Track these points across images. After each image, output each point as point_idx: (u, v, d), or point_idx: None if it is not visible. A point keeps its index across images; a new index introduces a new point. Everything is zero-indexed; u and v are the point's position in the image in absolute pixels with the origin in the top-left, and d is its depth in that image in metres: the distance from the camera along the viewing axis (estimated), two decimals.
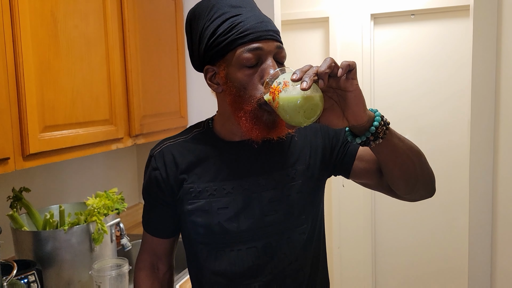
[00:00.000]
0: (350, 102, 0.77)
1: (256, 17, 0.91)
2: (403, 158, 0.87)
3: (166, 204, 1.04)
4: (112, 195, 1.54)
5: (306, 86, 0.72)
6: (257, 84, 0.89)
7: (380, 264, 3.34)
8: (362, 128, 0.81)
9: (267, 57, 0.89)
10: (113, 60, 1.66)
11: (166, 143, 1.03)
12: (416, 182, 0.91)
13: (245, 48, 0.88)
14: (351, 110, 0.78)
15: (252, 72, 0.89)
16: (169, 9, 2.13)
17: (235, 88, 0.90)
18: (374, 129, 0.81)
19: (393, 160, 0.87)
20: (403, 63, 3.15)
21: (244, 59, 0.88)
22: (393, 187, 0.94)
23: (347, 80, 0.75)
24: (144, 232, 1.11)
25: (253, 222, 0.96)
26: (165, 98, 2.09)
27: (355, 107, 0.78)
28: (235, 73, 0.90)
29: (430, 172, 0.94)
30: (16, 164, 1.24)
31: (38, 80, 1.30)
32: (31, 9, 1.28)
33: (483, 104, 1.94)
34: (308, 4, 3.21)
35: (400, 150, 0.86)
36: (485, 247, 1.97)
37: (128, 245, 1.69)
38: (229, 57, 0.90)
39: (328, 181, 1.08)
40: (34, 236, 1.40)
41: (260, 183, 0.97)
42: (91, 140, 1.54)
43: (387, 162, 0.89)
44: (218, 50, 0.90)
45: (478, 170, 1.96)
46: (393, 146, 0.85)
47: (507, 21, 1.76)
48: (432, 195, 0.97)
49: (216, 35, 0.90)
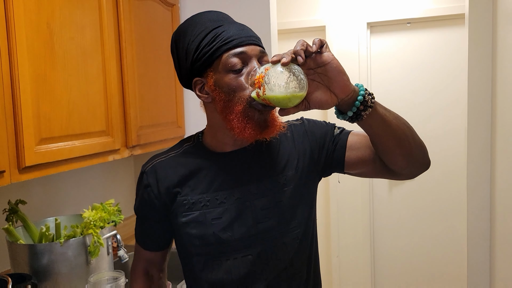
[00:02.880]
0: (332, 74, 0.82)
1: (237, 26, 0.96)
2: (394, 127, 0.90)
3: (158, 220, 1.06)
4: (108, 206, 1.53)
5: (286, 60, 0.79)
6: (245, 85, 0.92)
7: (379, 271, 3.32)
8: (349, 101, 0.85)
9: (252, 60, 0.93)
10: (109, 71, 1.66)
11: (157, 159, 1.05)
12: (411, 150, 0.93)
13: (230, 53, 0.92)
14: (335, 82, 0.83)
15: (239, 76, 0.92)
16: (165, 19, 2.14)
17: (224, 93, 0.93)
18: (362, 98, 0.84)
19: (385, 130, 0.89)
20: (399, 71, 3.16)
21: (230, 63, 0.91)
22: (390, 164, 0.95)
23: (322, 54, 0.81)
24: (136, 243, 1.13)
25: (247, 230, 0.98)
26: (162, 108, 2.08)
27: (338, 77, 0.82)
28: (223, 79, 0.92)
29: (421, 141, 0.96)
30: (12, 177, 1.24)
31: (34, 92, 1.30)
32: (27, 21, 1.28)
33: (480, 112, 1.94)
34: (304, 13, 3.23)
35: (389, 119, 0.89)
36: (483, 252, 1.97)
37: (125, 257, 1.68)
38: (216, 64, 0.93)
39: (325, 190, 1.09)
40: (30, 249, 1.39)
41: (251, 191, 0.99)
42: (87, 151, 1.54)
43: (380, 134, 0.90)
44: (205, 59, 0.93)
45: (476, 176, 1.96)
46: (383, 116, 0.88)
47: (502, 29, 1.77)
48: (428, 167, 0.98)
49: (202, 46, 0.93)
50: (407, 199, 3.22)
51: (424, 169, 0.98)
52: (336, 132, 1.05)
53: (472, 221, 1.99)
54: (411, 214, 3.22)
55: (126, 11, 1.77)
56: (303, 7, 3.22)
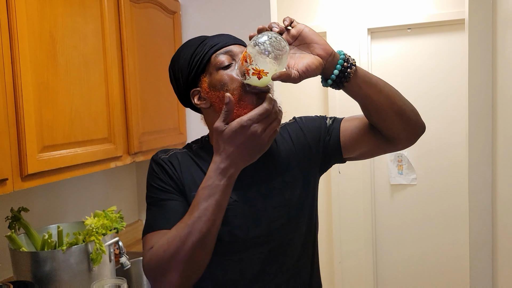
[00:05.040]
0: (310, 39, 0.90)
1: (223, 34, 1.04)
2: (382, 85, 0.96)
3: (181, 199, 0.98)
4: (110, 213, 1.53)
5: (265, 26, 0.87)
6: (235, 77, 0.95)
7: (381, 277, 3.31)
8: (333, 62, 0.90)
9: (239, 56, 0.98)
10: (111, 79, 1.67)
11: (175, 150, 1.07)
12: (404, 108, 0.98)
13: (217, 53, 0.99)
14: (315, 44, 0.89)
15: (229, 71, 0.97)
16: (167, 27, 2.15)
17: (218, 91, 0.97)
18: (344, 56, 0.91)
19: (374, 91, 0.94)
20: (400, 77, 3.16)
21: (218, 61, 0.98)
22: (387, 129, 0.99)
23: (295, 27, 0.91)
24: (148, 235, 0.96)
25: (261, 229, 1.00)
26: (164, 115, 2.09)
27: (316, 39, 0.90)
28: (215, 78, 0.97)
29: (412, 106, 1.02)
30: (15, 185, 1.24)
31: (36, 100, 1.31)
32: (30, 30, 1.29)
33: (481, 117, 1.94)
34: (304, 19, 3.24)
35: (374, 79, 0.95)
36: (486, 259, 1.96)
37: (127, 263, 1.68)
38: (207, 68, 0.99)
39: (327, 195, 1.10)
40: (32, 256, 1.39)
41: (261, 191, 1.02)
42: (90, 159, 1.54)
43: (371, 94, 0.94)
44: (197, 67, 0.99)
45: (477, 182, 1.96)
46: (367, 77, 0.94)
47: (502, 33, 1.78)
48: (424, 129, 1.02)
49: (193, 57, 1.00)
50: (408, 205, 3.22)
51: (420, 131, 1.02)
52: (329, 123, 1.09)
53: (474, 227, 1.98)
54: (413, 220, 3.21)
55: (127, 19, 1.78)
56: (304, 13, 3.24)
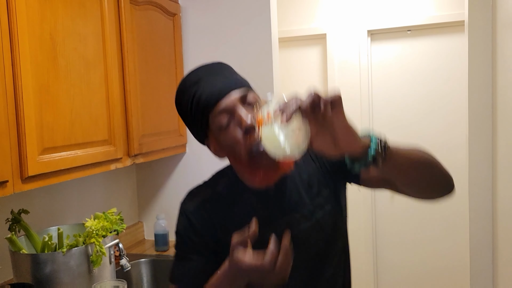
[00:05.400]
0: (340, 133, 0.74)
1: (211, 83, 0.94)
2: (409, 172, 0.86)
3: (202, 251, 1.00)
4: (110, 215, 1.53)
5: (286, 119, 0.72)
6: (237, 137, 0.92)
7: (381, 282, 3.30)
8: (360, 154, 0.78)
9: (235, 109, 0.92)
10: (112, 81, 1.67)
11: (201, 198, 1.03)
12: (427, 186, 0.92)
13: (213, 113, 0.93)
14: (341, 140, 0.75)
15: (230, 129, 0.93)
16: (167, 29, 2.15)
17: (225, 151, 0.97)
18: (371, 159, 0.78)
19: (398, 176, 0.87)
20: (400, 79, 3.17)
21: (217, 123, 0.93)
22: (403, 194, 0.96)
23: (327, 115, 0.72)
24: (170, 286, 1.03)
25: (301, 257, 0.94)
26: (164, 117, 2.09)
27: (345, 137, 0.75)
28: (219, 137, 0.95)
29: (444, 173, 0.92)
30: (15, 187, 1.24)
31: (37, 102, 1.31)
32: (30, 33, 1.29)
33: (481, 118, 1.94)
34: (304, 21, 3.25)
35: (404, 166, 0.84)
36: (486, 263, 1.96)
37: (127, 265, 1.68)
38: (210, 126, 0.95)
39: None
40: (33, 258, 1.39)
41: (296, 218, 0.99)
42: (90, 161, 1.55)
43: (392, 178, 0.89)
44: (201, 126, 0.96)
45: (477, 185, 1.96)
46: (396, 165, 0.82)
47: (502, 35, 1.78)
48: (450, 192, 0.95)
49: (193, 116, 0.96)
50: (409, 210, 3.20)
51: (445, 195, 0.96)
52: None
53: (474, 231, 1.98)
54: (413, 223, 3.20)
55: (128, 21, 1.78)
56: (304, 15, 3.24)
